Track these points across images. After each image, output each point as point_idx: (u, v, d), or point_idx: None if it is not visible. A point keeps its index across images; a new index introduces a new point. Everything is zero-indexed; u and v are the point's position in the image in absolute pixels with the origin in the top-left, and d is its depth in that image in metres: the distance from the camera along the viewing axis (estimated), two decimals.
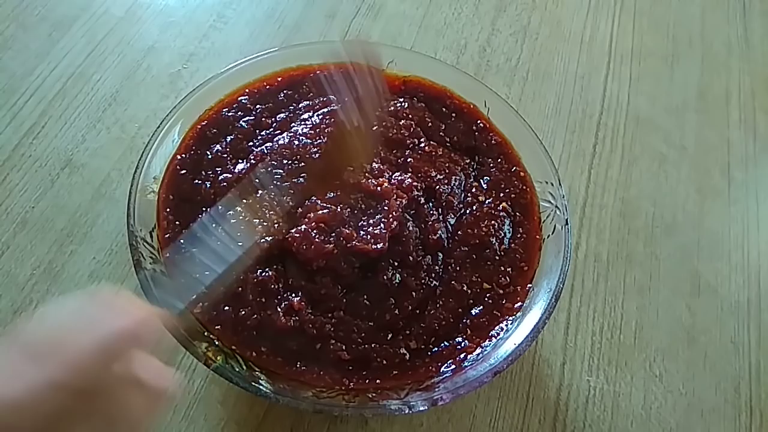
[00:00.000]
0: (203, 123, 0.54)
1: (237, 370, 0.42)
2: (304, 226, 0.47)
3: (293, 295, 0.46)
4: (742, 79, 0.80)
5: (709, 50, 0.83)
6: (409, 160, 0.54)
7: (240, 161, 0.52)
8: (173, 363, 0.53)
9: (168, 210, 0.49)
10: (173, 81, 0.70)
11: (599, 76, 0.78)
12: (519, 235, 0.53)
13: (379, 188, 0.49)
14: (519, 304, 0.49)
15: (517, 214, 0.54)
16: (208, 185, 0.51)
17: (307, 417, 0.51)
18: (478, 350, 0.47)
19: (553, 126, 0.72)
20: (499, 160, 0.56)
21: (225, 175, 0.51)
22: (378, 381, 0.45)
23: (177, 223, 0.49)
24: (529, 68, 0.77)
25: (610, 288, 0.61)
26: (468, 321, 0.49)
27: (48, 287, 0.55)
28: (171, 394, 0.34)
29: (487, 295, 0.50)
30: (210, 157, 0.52)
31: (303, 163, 0.52)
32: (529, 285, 0.50)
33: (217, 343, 0.44)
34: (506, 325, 0.48)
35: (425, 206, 0.51)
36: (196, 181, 0.51)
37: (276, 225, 0.48)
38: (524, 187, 0.55)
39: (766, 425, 0.56)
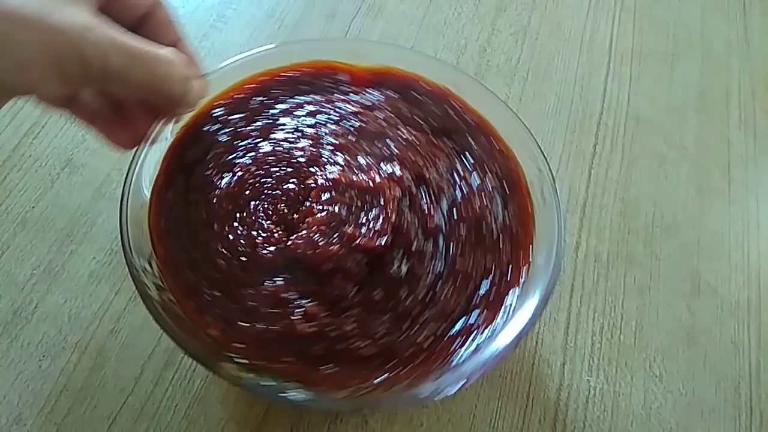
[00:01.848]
0: (181, 142, 0.52)
1: (266, 384, 0.41)
2: (305, 232, 0.47)
3: (307, 301, 0.46)
4: (742, 79, 0.80)
5: (709, 50, 0.83)
6: (393, 150, 0.54)
7: (225, 175, 0.51)
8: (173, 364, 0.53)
9: (162, 236, 0.48)
10: None
11: (599, 76, 0.78)
12: (511, 206, 0.53)
13: (371, 183, 0.49)
14: (523, 274, 0.49)
15: (506, 188, 0.54)
16: (199, 204, 0.49)
17: (307, 417, 0.51)
18: (494, 325, 0.47)
19: (553, 126, 0.72)
20: (480, 138, 0.57)
21: (214, 191, 0.50)
22: (405, 370, 0.45)
23: (174, 248, 0.47)
24: (529, 68, 0.77)
25: (610, 288, 0.61)
26: (478, 298, 0.49)
27: (48, 287, 0.55)
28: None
29: (492, 270, 0.50)
30: (195, 175, 0.51)
31: (290, 169, 0.51)
32: (529, 255, 0.50)
33: (241, 360, 0.43)
34: (515, 297, 0.48)
35: (418, 194, 0.51)
36: (185, 202, 0.50)
37: (276, 234, 0.48)
38: (508, 162, 0.55)
39: (766, 425, 0.56)
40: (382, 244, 0.46)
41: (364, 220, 0.48)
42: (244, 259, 0.47)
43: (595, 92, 0.76)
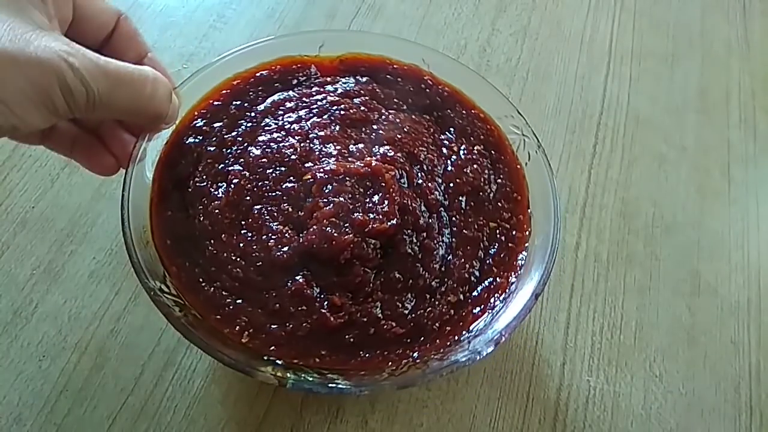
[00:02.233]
0: (168, 157, 0.51)
1: (311, 379, 0.42)
2: (315, 226, 0.47)
3: (330, 293, 0.46)
4: (742, 79, 0.80)
5: (709, 50, 0.83)
6: (379, 133, 0.55)
7: (221, 185, 0.50)
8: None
9: (171, 255, 0.47)
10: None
11: (599, 76, 0.78)
12: (501, 171, 0.55)
13: (368, 168, 0.50)
14: (528, 231, 0.51)
15: (492, 152, 0.56)
16: (202, 218, 0.49)
17: (307, 417, 0.51)
18: (511, 283, 0.49)
19: (553, 126, 0.72)
20: (457, 108, 0.58)
21: (214, 203, 0.49)
22: (437, 341, 0.46)
23: (187, 264, 0.47)
24: (529, 68, 0.77)
25: (610, 288, 0.61)
26: (490, 261, 0.51)
27: (48, 287, 0.55)
28: None
29: (497, 232, 0.52)
30: (190, 190, 0.50)
31: (284, 168, 0.51)
32: (528, 210, 0.53)
33: (279, 362, 0.43)
34: (525, 253, 0.50)
35: (412, 172, 0.53)
36: (187, 217, 0.49)
37: (287, 234, 0.47)
38: (488, 127, 0.57)
39: (766, 425, 0.56)
40: (393, 224, 0.48)
41: (370, 205, 0.49)
42: (259, 264, 0.47)
43: (595, 92, 0.76)
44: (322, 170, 0.50)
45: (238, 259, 0.47)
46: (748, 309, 0.62)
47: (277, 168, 0.51)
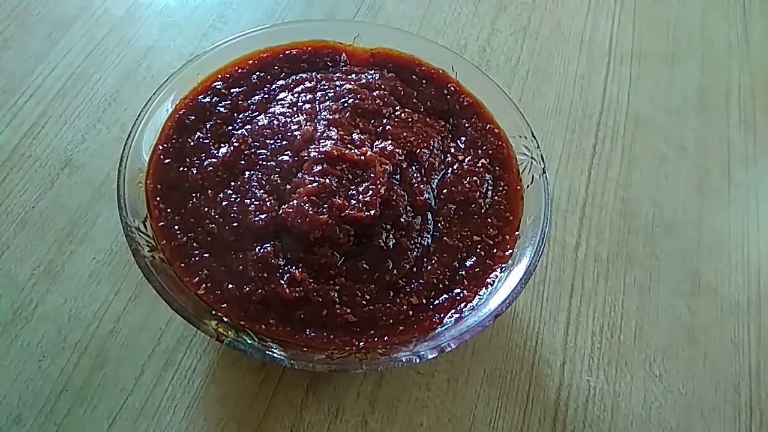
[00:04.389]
0: (181, 112, 0.54)
1: (249, 342, 0.43)
2: (296, 201, 0.48)
3: (294, 267, 0.47)
4: (742, 79, 0.80)
5: (709, 50, 0.83)
6: (387, 128, 0.56)
7: (222, 145, 0.53)
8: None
9: (158, 199, 0.50)
10: None
11: (599, 76, 0.78)
12: (501, 188, 0.55)
13: (362, 157, 0.51)
14: (509, 251, 0.51)
15: (497, 168, 0.56)
16: (195, 171, 0.52)
17: (307, 417, 0.51)
18: (477, 298, 0.49)
19: (553, 126, 0.72)
20: (473, 119, 0.59)
21: (210, 160, 0.52)
22: (386, 338, 0.46)
23: (169, 210, 0.49)
24: (529, 68, 0.77)
25: (610, 288, 0.61)
26: (464, 272, 0.51)
27: (48, 287, 0.55)
28: None
29: (479, 246, 0.52)
30: (192, 144, 0.53)
31: (285, 141, 0.53)
32: (516, 233, 0.52)
33: (225, 319, 0.45)
34: (500, 272, 0.50)
35: (409, 170, 0.53)
36: (182, 168, 0.52)
37: (268, 203, 0.49)
38: (500, 143, 0.57)
39: (766, 425, 0.56)
40: (371, 215, 0.48)
41: (353, 192, 0.50)
42: (235, 225, 0.49)
43: (595, 92, 0.76)
44: (317, 150, 0.51)
45: (217, 217, 0.49)
46: (748, 309, 0.62)
47: (278, 141, 0.53)
